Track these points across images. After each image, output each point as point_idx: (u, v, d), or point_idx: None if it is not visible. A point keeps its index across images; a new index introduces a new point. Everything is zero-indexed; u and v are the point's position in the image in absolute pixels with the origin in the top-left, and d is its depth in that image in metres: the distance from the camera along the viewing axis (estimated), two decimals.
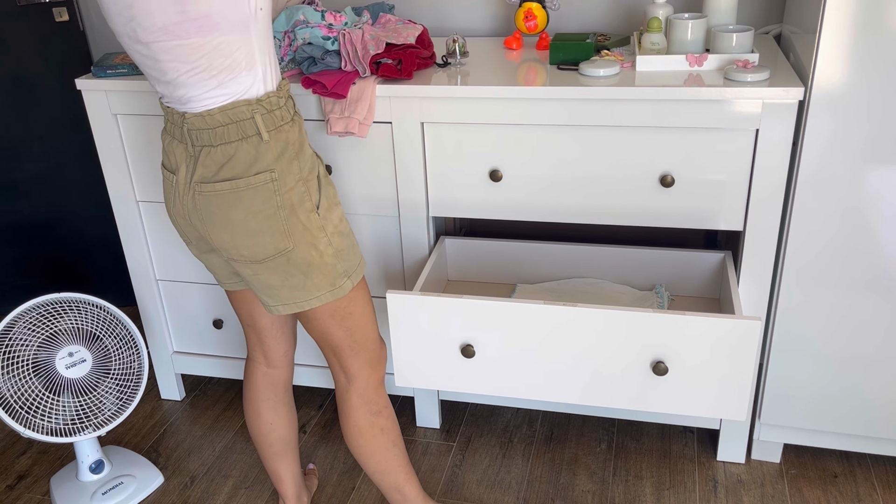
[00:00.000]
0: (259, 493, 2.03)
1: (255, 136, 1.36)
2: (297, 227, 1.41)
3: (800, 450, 2.08)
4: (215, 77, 1.31)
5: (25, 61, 2.51)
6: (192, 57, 1.29)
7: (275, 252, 1.41)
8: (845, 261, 1.73)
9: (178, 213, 1.47)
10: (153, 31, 1.27)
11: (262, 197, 1.38)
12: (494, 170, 1.82)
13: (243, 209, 1.38)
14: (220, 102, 1.34)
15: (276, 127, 1.38)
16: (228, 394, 2.43)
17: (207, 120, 1.34)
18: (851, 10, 1.53)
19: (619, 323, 1.60)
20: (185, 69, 1.31)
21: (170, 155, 1.44)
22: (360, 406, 1.63)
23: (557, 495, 1.98)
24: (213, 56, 1.30)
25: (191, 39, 1.28)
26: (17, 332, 1.85)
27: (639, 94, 1.66)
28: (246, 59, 1.33)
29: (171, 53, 1.29)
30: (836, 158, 1.65)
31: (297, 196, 1.41)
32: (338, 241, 1.48)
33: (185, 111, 1.36)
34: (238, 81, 1.33)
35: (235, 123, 1.35)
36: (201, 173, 1.38)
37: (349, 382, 1.62)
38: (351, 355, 1.59)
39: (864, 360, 1.82)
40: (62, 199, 2.71)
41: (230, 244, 1.42)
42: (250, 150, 1.36)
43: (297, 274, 1.44)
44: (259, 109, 1.36)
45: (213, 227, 1.41)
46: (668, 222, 1.80)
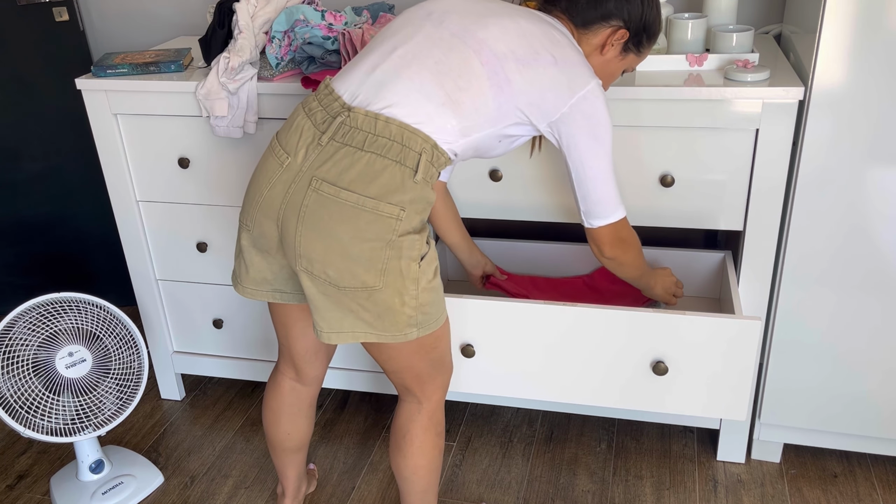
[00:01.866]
0: (259, 493, 2.03)
1: (410, 170, 1.30)
2: (394, 271, 1.32)
3: (800, 450, 2.08)
4: (443, 99, 1.31)
5: (25, 61, 2.51)
6: (457, 70, 1.31)
7: (361, 286, 1.32)
8: (845, 260, 1.73)
9: (270, 198, 1.35)
10: (460, 29, 1.33)
11: (379, 227, 1.29)
12: (494, 170, 1.82)
13: (354, 229, 1.29)
14: (407, 117, 1.29)
15: (428, 176, 1.32)
16: (228, 394, 2.43)
17: (379, 125, 1.28)
18: (851, 10, 1.53)
19: (619, 322, 1.60)
20: (432, 77, 1.31)
21: (293, 134, 1.35)
22: (430, 428, 1.56)
23: (557, 495, 1.98)
24: (462, 87, 1.31)
25: (480, 65, 1.31)
26: (17, 331, 1.85)
27: (639, 93, 1.66)
28: (468, 120, 1.33)
29: (451, 52, 1.31)
30: (836, 158, 1.65)
31: (409, 242, 1.33)
32: (425, 297, 1.39)
33: (358, 105, 1.31)
34: (445, 118, 1.31)
35: (402, 146, 1.29)
36: (329, 171, 1.29)
37: (421, 404, 1.55)
38: (429, 380, 1.53)
39: (864, 360, 1.82)
40: (62, 199, 2.71)
41: (319, 257, 1.31)
42: (398, 177, 1.29)
43: (371, 311, 1.35)
44: (429, 153, 1.31)
45: (309, 231, 1.31)
46: (668, 222, 1.80)
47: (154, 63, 1.98)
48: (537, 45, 1.35)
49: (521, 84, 1.34)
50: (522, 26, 1.36)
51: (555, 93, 1.36)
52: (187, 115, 1.96)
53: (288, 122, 1.39)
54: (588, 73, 1.38)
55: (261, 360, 2.28)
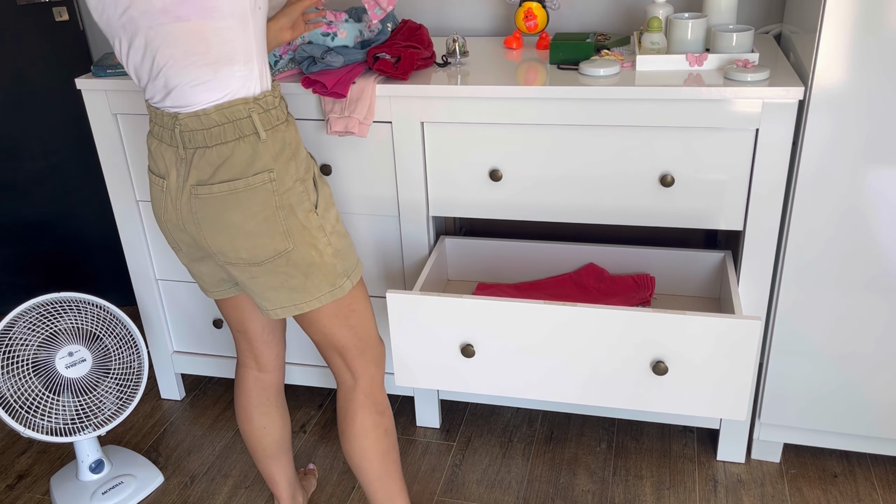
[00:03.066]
0: (259, 493, 2.03)
1: (252, 136, 1.34)
2: (296, 227, 1.39)
3: (800, 449, 2.08)
4: (212, 66, 1.29)
5: (25, 61, 2.51)
6: (191, 41, 1.27)
7: (274, 253, 1.39)
8: (845, 260, 1.73)
9: (169, 220, 1.43)
10: (152, 13, 1.25)
11: (260, 198, 1.35)
12: (494, 169, 1.82)
13: (241, 211, 1.35)
14: (216, 100, 1.31)
15: (272, 126, 1.36)
16: (228, 393, 2.43)
17: (203, 120, 1.31)
18: (851, 10, 1.53)
19: (619, 322, 1.60)
20: (180, 56, 1.27)
21: (158, 160, 1.40)
22: (367, 405, 1.59)
23: (557, 495, 1.98)
24: (211, 41, 1.27)
25: (190, 21, 1.25)
26: (17, 331, 1.85)
27: (639, 93, 1.66)
28: (243, 51, 1.31)
29: (169, 38, 1.27)
30: (836, 158, 1.65)
31: (296, 196, 1.39)
32: (336, 241, 1.46)
33: (178, 111, 1.33)
34: (234, 75, 1.31)
35: (232, 123, 1.32)
36: (196, 176, 1.35)
37: (355, 381, 1.59)
38: (357, 354, 1.57)
39: (864, 360, 1.82)
40: (62, 199, 2.71)
41: (228, 247, 1.39)
42: (247, 149, 1.34)
43: (296, 275, 1.42)
44: (256, 108, 1.33)
45: (209, 230, 1.38)
46: (668, 222, 1.80)
47: None
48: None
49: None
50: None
51: None
52: None
53: (150, 153, 1.43)
54: None
55: None
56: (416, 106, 1.79)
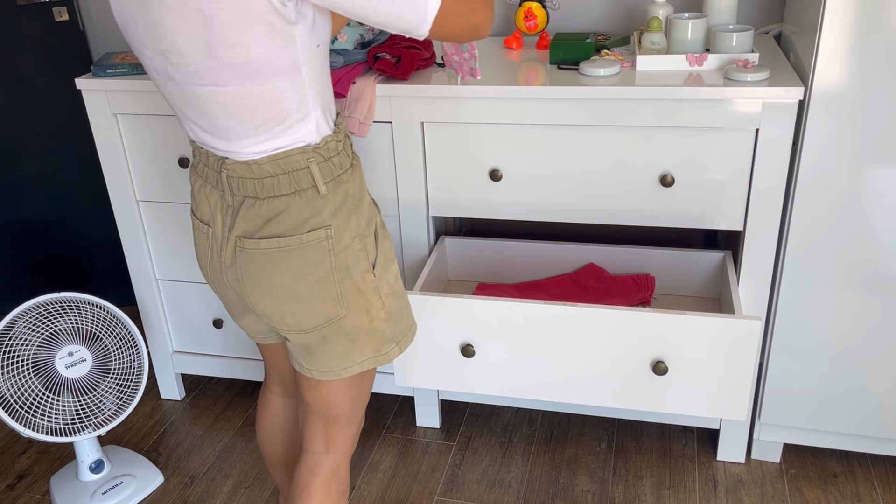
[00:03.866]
0: (259, 493, 2.03)
1: (311, 189, 1.18)
2: (351, 292, 1.23)
3: (800, 449, 2.08)
4: (260, 128, 1.13)
5: (25, 61, 2.51)
6: (231, 107, 1.11)
7: (325, 320, 1.24)
8: (845, 260, 1.73)
9: (213, 270, 1.29)
10: (186, 72, 1.10)
11: (314, 258, 1.20)
12: (494, 169, 1.82)
13: (291, 271, 1.20)
14: (270, 151, 1.16)
15: (334, 177, 1.20)
16: (228, 393, 2.43)
17: (254, 169, 1.16)
18: (851, 10, 1.53)
19: (618, 322, 1.60)
20: (224, 119, 1.13)
21: (202, 203, 1.25)
22: (330, 483, 1.41)
23: (557, 495, 1.98)
24: (256, 106, 1.11)
25: (228, 87, 1.09)
26: (17, 331, 1.85)
27: (639, 93, 1.66)
28: (298, 107, 1.13)
29: (207, 100, 1.12)
30: (836, 158, 1.65)
31: (353, 255, 1.23)
32: (391, 304, 1.30)
33: (226, 157, 1.18)
34: (288, 131, 1.15)
35: (287, 174, 1.16)
36: (243, 227, 1.20)
37: (327, 454, 1.41)
38: (345, 426, 1.41)
39: (864, 360, 1.82)
40: (62, 199, 2.71)
41: (273, 310, 1.24)
42: (304, 205, 1.18)
43: (343, 342, 1.27)
44: (316, 158, 1.17)
45: (253, 289, 1.23)
46: (668, 222, 1.80)
47: None
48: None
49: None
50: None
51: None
52: None
53: (192, 193, 1.29)
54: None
55: (261, 360, 2.28)
56: (416, 106, 1.79)
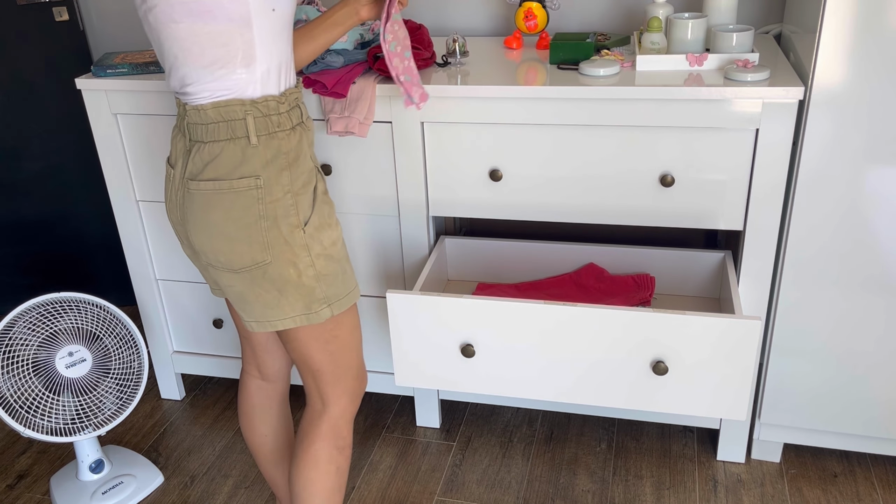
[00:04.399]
0: (259, 493, 2.03)
1: (243, 139, 1.31)
2: (277, 241, 1.34)
3: (800, 449, 2.08)
4: (208, 68, 1.27)
5: (25, 61, 2.51)
6: (185, 43, 1.26)
7: (251, 263, 1.34)
8: (845, 260, 1.73)
9: (171, 210, 1.42)
10: (156, 11, 1.26)
11: (243, 203, 1.31)
12: (494, 169, 1.82)
13: (223, 212, 1.32)
14: (214, 98, 1.29)
15: (269, 132, 1.32)
16: (228, 393, 2.43)
17: (202, 115, 1.30)
18: (851, 10, 1.53)
19: (619, 322, 1.60)
20: (181, 55, 1.28)
21: (172, 149, 1.40)
22: (328, 436, 1.51)
23: (557, 495, 1.98)
24: (205, 45, 1.26)
25: (183, 24, 1.25)
26: (17, 331, 1.85)
27: (639, 93, 1.66)
28: (243, 54, 1.27)
29: (169, 36, 1.27)
30: (836, 158, 1.65)
31: (283, 208, 1.33)
32: (323, 265, 1.39)
33: (186, 103, 1.33)
34: (233, 79, 1.28)
35: (226, 122, 1.30)
36: (190, 169, 1.34)
37: (324, 408, 1.52)
38: (331, 381, 1.50)
39: (863, 360, 1.82)
40: (62, 199, 2.71)
41: (208, 247, 1.36)
42: (237, 151, 1.31)
43: (271, 290, 1.37)
44: (253, 111, 1.30)
45: (193, 227, 1.36)
46: (668, 222, 1.80)
47: (154, 63, 1.98)
48: None
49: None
50: None
51: None
52: None
53: (171, 140, 1.43)
54: None
55: None
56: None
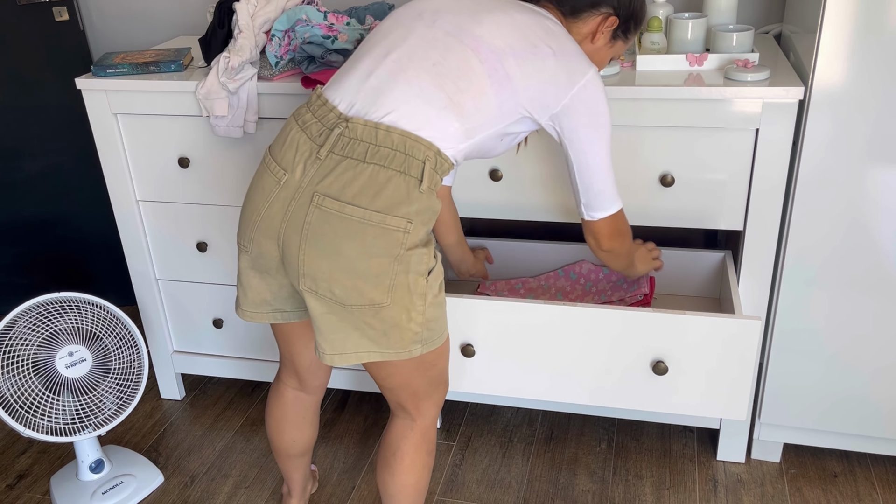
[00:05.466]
0: (259, 493, 2.03)
1: (415, 180, 1.25)
2: (402, 286, 1.28)
3: (800, 449, 2.08)
4: (441, 100, 1.27)
5: (25, 61, 2.51)
6: (458, 71, 1.28)
7: (368, 303, 1.28)
8: (845, 260, 1.73)
9: (267, 216, 1.30)
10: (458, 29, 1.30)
11: (387, 241, 1.25)
12: (494, 169, 1.82)
13: (361, 246, 1.24)
14: (409, 127, 1.25)
15: (430, 187, 1.28)
16: (228, 393, 2.43)
17: (378, 135, 1.24)
18: (851, 10, 1.53)
19: (619, 322, 1.60)
20: (429, 70, 1.28)
21: (288, 149, 1.30)
22: (422, 446, 1.52)
23: (557, 495, 1.98)
24: (465, 89, 1.28)
25: (478, 63, 1.28)
26: (17, 331, 1.85)
27: (639, 93, 1.66)
28: (470, 120, 1.29)
29: (445, 54, 1.29)
30: (837, 158, 1.65)
31: (417, 257, 1.29)
32: (431, 312, 1.35)
33: (353, 116, 1.27)
34: (442, 123, 1.27)
35: (405, 155, 1.24)
36: (329, 183, 1.24)
37: (415, 420, 1.50)
38: (426, 397, 1.49)
39: (864, 360, 1.82)
40: (62, 199, 2.71)
41: (325, 275, 1.27)
42: (402, 188, 1.25)
43: (377, 329, 1.32)
44: (432, 161, 1.26)
45: (314, 249, 1.26)
46: (668, 222, 1.80)
47: (154, 63, 1.98)
48: (533, 37, 1.33)
49: (521, 79, 1.32)
50: (516, 19, 1.34)
51: (555, 85, 1.33)
52: (187, 114, 1.96)
53: (281, 135, 1.34)
54: (586, 61, 1.36)
55: (261, 360, 2.28)
56: None
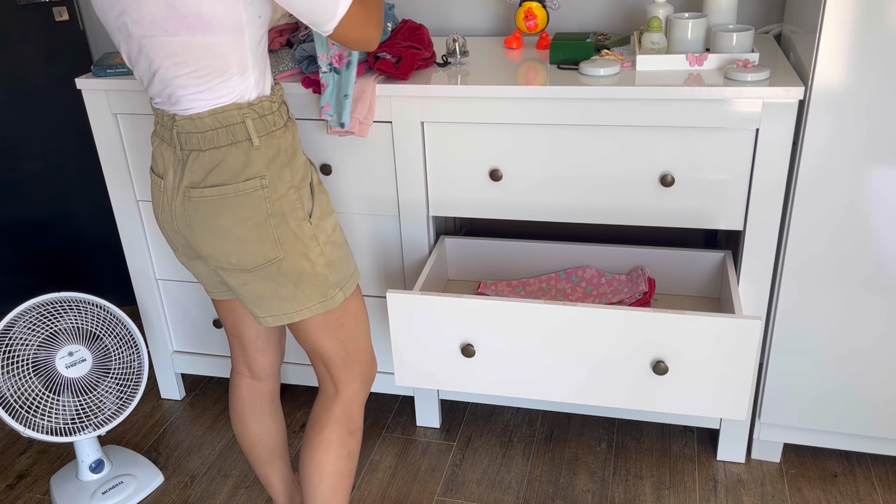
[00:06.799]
0: (259, 493, 2.03)
1: (245, 142, 1.32)
2: (287, 236, 1.37)
3: (800, 449, 2.08)
4: (203, 79, 1.28)
5: (25, 61, 2.51)
6: (181, 55, 1.26)
7: (264, 261, 1.37)
8: (845, 260, 1.73)
9: (165, 220, 1.43)
10: (143, 24, 1.24)
11: (251, 204, 1.34)
12: (494, 169, 1.82)
13: (232, 216, 1.34)
14: (210, 105, 1.30)
15: (267, 132, 1.34)
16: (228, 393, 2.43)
17: (197, 123, 1.31)
18: (851, 9, 1.53)
19: (619, 322, 1.60)
20: (173, 68, 1.27)
21: (158, 159, 1.40)
22: (341, 419, 1.56)
23: (557, 495, 1.98)
24: (202, 56, 1.26)
25: (179, 37, 1.24)
26: (17, 331, 1.85)
27: (639, 93, 1.66)
28: (238, 63, 1.29)
29: (160, 49, 1.26)
30: (836, 158, 1.65)
31: (289, 204, 1.37)
32: (330, 251, 1.44)
33: (175, 113, 1.33)
34: (228, 86, 1.29)
35: (225, 128, 1.31)
36: (190, 178, 1.34)
37: (337, 392, 1.56)
38: (343, 367, 1.54)
39: (863, 360, 1.82)
40: (62, 199, 2.71)
41: (218, 252, 1.38)
42: (240, 155, 1.32)
43: (287, 284, 1.40)
44: (250, 114, 1.32)
45: (200, 234, 1.37)
46: (668, 222, 1.80)
47: None
48: None
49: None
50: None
51: None
52: None
53: (152, 152, 1.43)
54: None
55: None
56: (416, 106, 1.79)
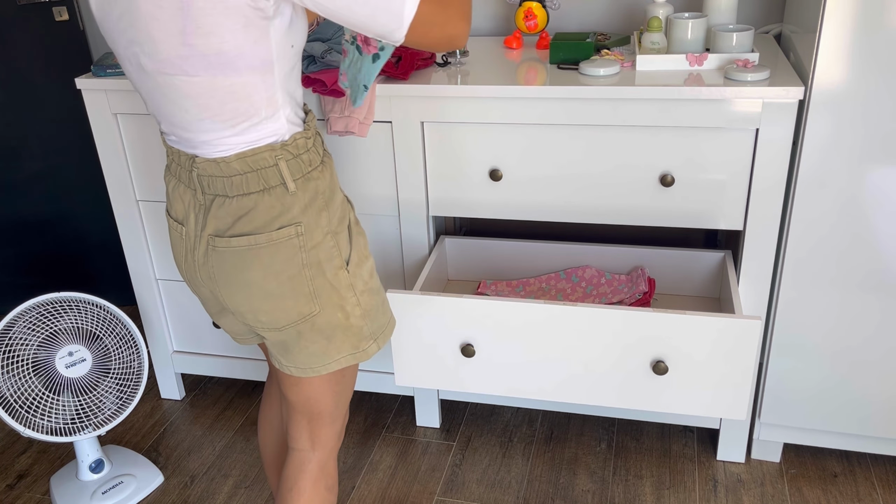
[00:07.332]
0: (259, 493, 2.03)
1: (279, 187, 1.17)
2: (324, 288, 1.23)
3: (800, 449, 2.08)
4: (228, 122, 1.13)
5: (25, 61, 2.51)
6: (201, 98, 1.10)
7: (298, 317, 1.24)
8: (845, 260, 1.73)
9: (189, 269, 1.28)
10: (157, 59, 1.09)
11: (285, 254, 1.19)
12: (494, 169, 1.82)
13: (262, 268, 1.20)
14: (238, 150, 1.15)
15: (303, 175, 1.19)
16: (228, 393, 2.43)
17: (222, 167, 1.16)
18: (851, 9, 1.53)
19: (619, 322, 1.60)
20: (193, 110, 1.12)
21: (175, 202, 1.25)
22: (320, 479, 1.43)
23: (557, 495, 1.98)
24: (224, 99, 1.10)
25: (198, 77, 1.08)
26: (17, 331, 1.85)
27: (639, 93, 1.66)
28: (267, 104, 1.13)
29: (177, 90, 1.11)
30: (836, 158, 1.65)
31: (325, 251, 1.22)
32: (367, 301, 1.30)
33: (195, 154, 1.18)
34: (258, 130, 1.15)
35: (255, 171, 1.16)
36: (214, 225, 1.20)
37: (313, 450, 1.43)
38: (328, 423, 1.41)
39: (863, 359, 1.82)
40: (62, 199, 2.71)
41: (246, 308, 1.24)
42: (274, 202, 1.17)
43: (319, 340, 1.27)
44: (284, 155, 1.17)
45: (226, 287, 1.23)
46: (668, 222, 1.80)
47: None
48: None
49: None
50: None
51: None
52: None
53: (167, 193, 1.29)
54: None
55: (261, 360, 2.28)
56: (416, 106, 1.79)
